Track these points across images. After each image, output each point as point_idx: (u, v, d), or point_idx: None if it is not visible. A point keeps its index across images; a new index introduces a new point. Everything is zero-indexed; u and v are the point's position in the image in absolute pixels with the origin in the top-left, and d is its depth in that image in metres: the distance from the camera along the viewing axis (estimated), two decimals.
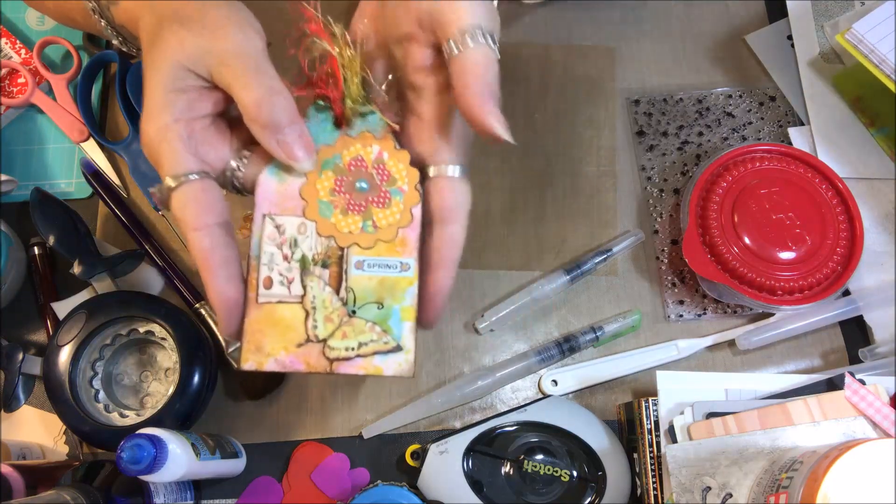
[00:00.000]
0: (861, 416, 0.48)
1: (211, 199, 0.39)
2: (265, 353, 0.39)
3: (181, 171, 0.38)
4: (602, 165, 0.66)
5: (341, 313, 0.40)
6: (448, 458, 0.54)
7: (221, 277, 0.38)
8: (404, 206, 0.41)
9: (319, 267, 0.40)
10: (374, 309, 0.40)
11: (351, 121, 0.42)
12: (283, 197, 0.41)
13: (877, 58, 0.56)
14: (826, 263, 0.57)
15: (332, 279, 0.40)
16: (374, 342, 0.40)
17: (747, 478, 0.47)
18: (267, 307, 0.40)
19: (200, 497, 0.58)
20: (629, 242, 0.63)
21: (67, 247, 0.59)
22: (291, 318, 0.40)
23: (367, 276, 0.40)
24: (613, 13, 0.70)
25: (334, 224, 0.41)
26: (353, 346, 0.40)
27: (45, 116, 0.67)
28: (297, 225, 0.41)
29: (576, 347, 0.60)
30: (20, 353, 0.59)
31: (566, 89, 0.68)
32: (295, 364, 0.39)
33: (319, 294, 0.40)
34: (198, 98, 0.40)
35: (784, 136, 0.65)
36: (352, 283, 0.40)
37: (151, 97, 0.39)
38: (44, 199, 0.60)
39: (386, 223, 0.41)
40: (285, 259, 0.41)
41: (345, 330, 0.40)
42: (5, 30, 0.68)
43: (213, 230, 0.38)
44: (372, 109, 0.42)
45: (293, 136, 0.39)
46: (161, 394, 0.59)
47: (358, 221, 0.41)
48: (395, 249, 0.41)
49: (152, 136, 0.38)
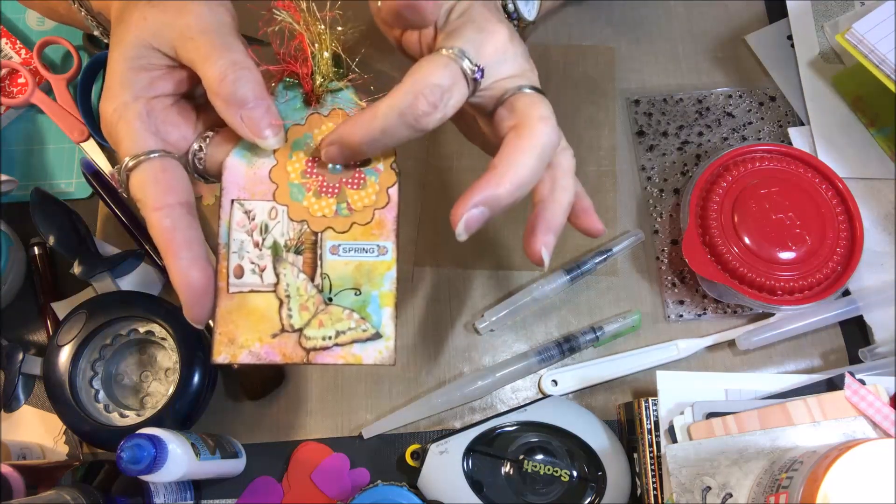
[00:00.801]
0: (861, 416, 0.48)
1: (172, 179, 0.37)
2: (238, 345, 0.38)
3: (139, 149, 0.37)
4: (602, 165, 0.66)
5: (317, 301, 0.38)
6: (448, 458, 0.54)
7: (184, 260, 0.36)
8: (380, 186, 0.39)
9: (292, 253, 0.39)
10: (351, 295, 0.38)
11: (321, 98, 0.40)
12: (252, 181, 0.39)
13: (877, 58, 0.56)
14: (826, 263, 0.57)
15: (306, 266, 0.39)
16: (353, 330, 0.38)
17: (747, 478, 0.47)
18: (238, 297, 0.38)
19: (200, 497, 0.58)
20: (629, 242, 0.63)
21: (67, 247, 0.59)
22: (265, 307, 0.38)
23: (342, 261, 0.39)
24: (613, 13, 0.70)
25: (307, 208, 0.39)
26: (331, 335, 0.38)
27: (45, 116, 0.67)
28: (268, 210, 0.39)
29: (576, 347, 0.60)
30: (20, 353, 0.59)
31: (566, 89, 0.68)
32: (270, 355, 0.38)
33: (293, 282, 0.39)
34: (160, 77, 0.38)
35: (784, 136, 0.65)
36: (327, 270, 0.39)
37: (112, 75, 0.37)
38: (44, 199, 0.60)
39: (361, 205, 0.39)
40: (256, 246, 0.39)
41: (321, 318, 0.38)
42: (5, 30, 0.68)
43: (174, 210, 0.37)
44: (343, 86, 0.40)
45: (259, 111, 0.37)
46: (161, 394, 0.59)
47: (332, 204, 0.39)
48: (371, 233, 0.39)
49: (109, 115, 0.37)
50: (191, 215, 0.37)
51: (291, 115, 0.40)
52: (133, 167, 0.37)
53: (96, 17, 0.46)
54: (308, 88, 0.40)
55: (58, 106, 0.66)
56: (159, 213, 0.36)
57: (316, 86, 0.40)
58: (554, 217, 0.39)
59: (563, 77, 0.68)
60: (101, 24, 0.47)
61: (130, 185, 0.37)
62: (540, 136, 0.37)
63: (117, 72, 0.37)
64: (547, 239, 0.38)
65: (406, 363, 0.61)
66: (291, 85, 0.40)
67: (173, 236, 0.36)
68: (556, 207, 0.39)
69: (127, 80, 0.37)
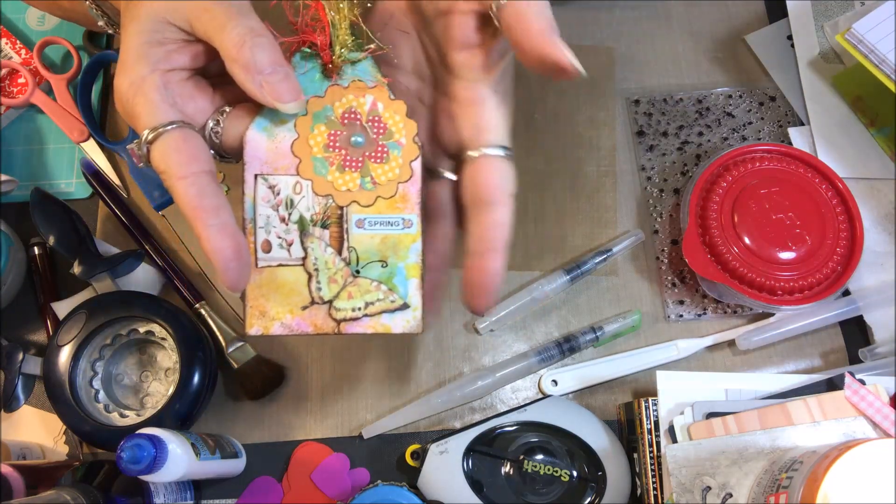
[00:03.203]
0: (861, 416, 0.48)
1: (194, 148, 0.37)
2: (270, 318, 0.38)
3: (159, 121, 0.36)
4: (602, 165, 0.66)
5: (345, 274, 0.39)
6: (448, 458, 0.54)
7: (213, 227, 0.36)
8: (403, 160, 0.39)
9: (319, 227, 0.39)
10: (378, 268, 0.39)
11: (340, 69, 0.40)
12: (275, 155, 0.39)
13: (877, 58, 0.56)
14: (826, 263, 0.57)
15: (332, 239, 0.39)
16: (381, 301, 0.39)
17: (747, 478, 0.47)
18: (268, 271, 0.39)
19: (200, 497, 0.58)
20: (629, 242, 0.63)
21: (67, 247, 0.59)
22: (294, 281, 0.39)
23: (368, 234, 0.39)
24: (613, 13, 0.70)
25: (331, 182, 0.39)
26: (360, 307, 0.39)
27: (45, 116, 0.67)
28: (293, 184, 0.39)
29: (576, 347, 0.60)
30: (20, 353, 0.59)
31: (566, 89, 0.68)
32: (302, 326, 0.39)
33: (321, 255, 0.39)
34: (176, 50, 0.38)
35: (784, 136, 0.65)
36: (354, 243, 0.39)
37: (126, 50, 0.37)
38: (44, 199, 0.60)
39: (385, 179, 0.39)
40: (282, 221, 0.39)
41: (350, 290, 0.39)
42: (5, 30, 0.68)
43: (199, 178, 0.36)
44: (362, 57, 0.40)
45: (278, 76, 0.36)
46: (161, 394, 0.59)
47: (356, 178, 0.39)
48: (395, 206, 0.39)
49: (125, 89, 0.37)
50: (215, 183, 0.37)
51: (310, 86, 0.40)
52: (154, 139, 0.36)
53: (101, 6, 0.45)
54: (327, 59, 0.39)
55: (58, 106, 0.66)
56: (185, 182, 0.36)
57: (335, 56, 0.39)
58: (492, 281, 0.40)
59: None
60: (107, 14, 0.46)
61: (152, 157, 0.36)
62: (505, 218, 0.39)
63: (132, 46, 0.37)
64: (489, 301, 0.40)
65: (406, 363, 0.61)
66: (309, 56, 0.40)
67: (201, 203, 0.36)
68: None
69: (143, 54, 0.37)
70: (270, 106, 0.37)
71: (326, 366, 0.61)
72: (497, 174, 0.39)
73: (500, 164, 0.39)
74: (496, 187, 0.39)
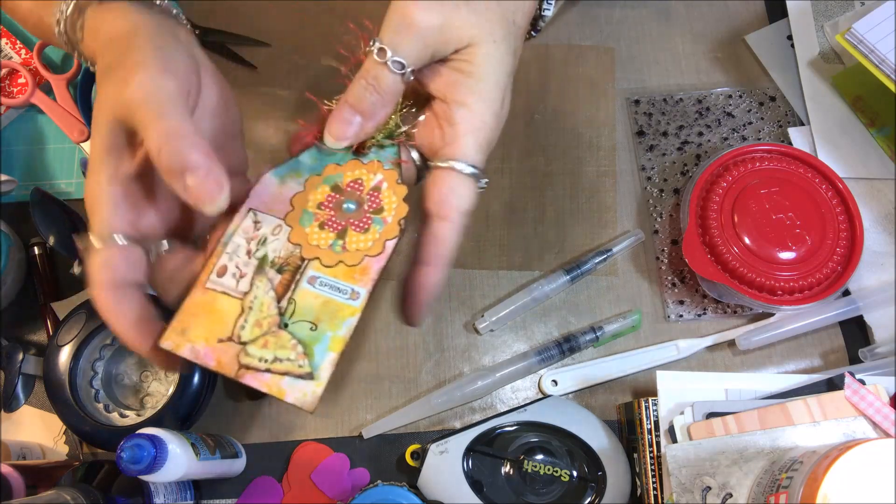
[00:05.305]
0: (861, 416, 0.48)
1: (128, 267, 0.38)
2: (186, 338, 0.38)
3: (105, 233, 0.37)
4: (602, 165, 0.66)
5: (272, 322, 0.39)
6: (448, 458, 0.54)
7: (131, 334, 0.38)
8: (380, 236, 0.41)
9: (274, 271, 0.40)
10: (306, 328, 0.39)
11: (368, 148, 0.42)
12: (275, 199, 0.41)
13: (877, 58, 0.56)
14: (826, 263, 0.57)
15: (280, 285, 0.40)
16: (290, 362, 0.38)
17: (747, 478, 0.47)
18: (211, 294, 0.39)
19: (200, 497, 0.58)
20: (629, 242, 0.63)
21: (67, 247, 0.59)
22: (227, 312, 0.39)
23: (314, 293, 0.40)
24: (613, 13, 0.70)
25: (307, 234, 0.41)
26: (269, 359, 0.38)
27: (45, 116, 0.67)
28: (274, 226, 0.41)
29: (576, 347, 0.60)
30: (20, 353, 0.59)
31: (566, 89, 0.68)
32: (207, 359, 0.38)
33: (261, 296, 0.39)
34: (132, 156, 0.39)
35: (784, 136, 0.65)
36: (297, 296, 0.39)
37: (91, 154, 0.38)
38: (44, 199, 0.60)
39: (355, 247, 0.40)
40: (248, 254, 0.40)
41: (268, 339, 0.39)
42: (5, 30, 0.68)
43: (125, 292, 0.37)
44: (393, 143, 0.42)
45: (196, 179, 0.36)
46: (161, 394, 0.59)
47: (330, 238, 0.41)
48: (353, 275, 0.40)
49: (88, 192, 0.38)
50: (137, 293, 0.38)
51: (336, 156, 0.42)
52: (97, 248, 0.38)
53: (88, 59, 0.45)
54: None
55: (58, 106, 0.66)
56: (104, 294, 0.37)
57: (370, 140, 0.42)
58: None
59: (563, 77, 0.68)
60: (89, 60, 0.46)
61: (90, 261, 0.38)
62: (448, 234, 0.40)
63: (94, 152, 0.38)
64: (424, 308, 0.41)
65: (406, 363, 0.61)
66: None
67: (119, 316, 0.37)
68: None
69: (102, 161, 0.38)
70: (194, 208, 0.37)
71: None
72: (452, 190, 0.40)
73: (460, 180, 0.40)
74: (446, 202, 0.40)
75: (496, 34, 0.40)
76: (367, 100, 0.39)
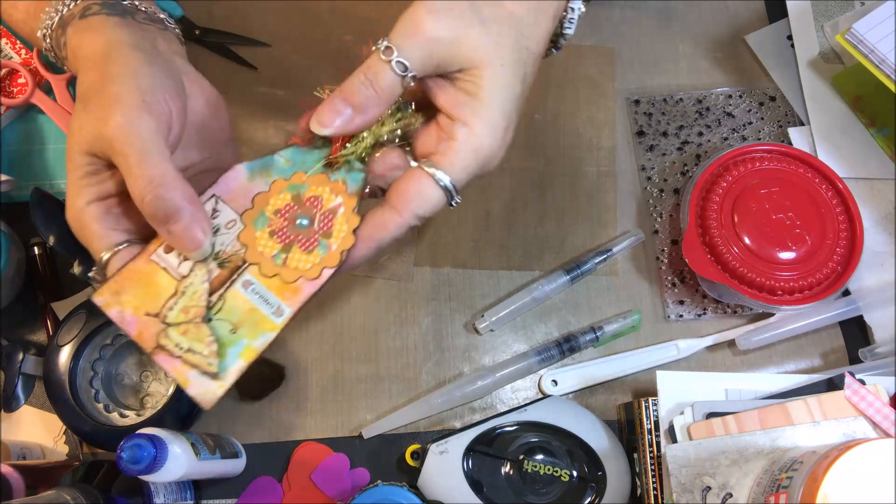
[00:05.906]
0: (861, 416, 0.48)
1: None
2: (118, 301, 0.39)
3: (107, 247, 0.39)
4: (602, 165, 0.66)
5: (198, 312, 0.39)
6: (448, 458, 0.54)
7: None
8: (321, 262, 0.41)
9: (216, 264, 0.40)
10: (226, 328, 0.39)
11: (338, 166, 0.42)
12: (240, 193, 0.41)
13: (877, 58, 0.56)
14: (826, 263, 0.57)
15: (216, 279, 0.40)
16: (202, 357, 0.39)
17: (747, 478, 0.47)
18: (152, 266, 0.40)
19: (200, 497, 0.58)
20: (629, 242, 0.63)
21: (67, 247, 0.59)
22: (162, 288, 0.40)
23: (244, 297, 0.40)
24: (613, 13, 0.70)
25: (256, 238, 0.41)
26: (184, 348, 0.39)
27: (45, 116, 0.67)
28: (229, 220, 0.41)
29: (576, 347, 0.60)
30: (20, 353, 0.59)
31: (566, 89, 0.68)
32: (130, 327, 0.39)
33: (196, 284, 0.40)
34: (110, 177, 0.40)
35: (784, 136, 0.65)
36: (228, 294, 0.40)
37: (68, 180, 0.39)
38: (44, 199, 0.60)
39: (294, 265, 0.40)
40: None
41: (189, 328, 0.39)
42: (5, 30, 0.68)
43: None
44: (362, 170, 0.42)
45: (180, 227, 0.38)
46: (161, 394, 0.59)
47: (275, 248, 0.41)
48: (284, 293, 0.40)
49: (72, 218, 0.39)
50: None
51: (308, 160, 0.42)
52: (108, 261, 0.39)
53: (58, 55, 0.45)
54: (334, 151, 0.41)
55: (58, 106, 0.66)
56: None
57: (341, 153, 0.41)
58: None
59: (563, 77, 0.68)
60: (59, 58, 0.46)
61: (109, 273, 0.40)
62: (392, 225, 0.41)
63: (70, 181, 0.39)
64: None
65: (406, 363, 0.61)
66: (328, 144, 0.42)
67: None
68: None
69: (79, 187, 0.39)
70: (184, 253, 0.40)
71: (326, 366, 0.61)
72: (419, 192, 0.40)
73: (432, 188, 0.40)
74: (408, 200, 0.40)
75: (505, 59, 0.40)
76: (361, 94, 0.39)
